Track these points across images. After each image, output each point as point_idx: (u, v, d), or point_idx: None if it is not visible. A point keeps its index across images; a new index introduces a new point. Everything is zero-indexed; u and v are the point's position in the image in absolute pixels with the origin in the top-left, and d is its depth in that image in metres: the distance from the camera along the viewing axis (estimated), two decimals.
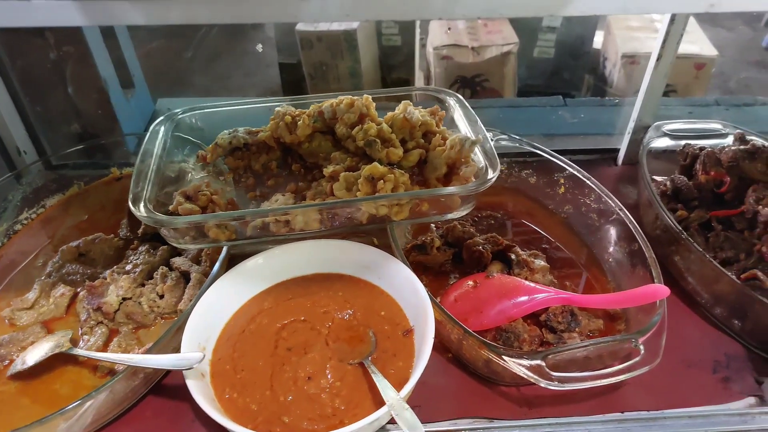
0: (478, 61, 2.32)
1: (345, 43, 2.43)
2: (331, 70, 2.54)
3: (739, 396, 0.69)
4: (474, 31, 2.43)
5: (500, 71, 2.35)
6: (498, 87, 2.38)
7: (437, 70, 2.37)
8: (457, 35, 2.38)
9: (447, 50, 2.32)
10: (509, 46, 2.31)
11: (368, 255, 0.74)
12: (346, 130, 0.83)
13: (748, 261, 0.79)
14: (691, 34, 2.40)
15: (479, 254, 0.81)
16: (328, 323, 0.70)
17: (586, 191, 0.88)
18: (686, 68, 2.26)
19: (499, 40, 2.36)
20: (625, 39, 2.36)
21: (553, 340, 0.71)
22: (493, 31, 2.44)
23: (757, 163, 0.86)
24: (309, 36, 2.44)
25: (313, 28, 2.44)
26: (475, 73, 2.35)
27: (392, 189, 0.75)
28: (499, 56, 2.30)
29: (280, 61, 2.86)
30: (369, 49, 2.63)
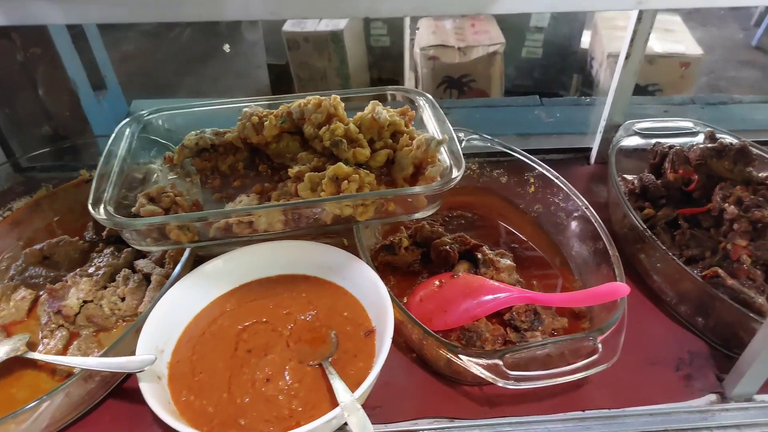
0: (464, 61, 2.32)
1: (332, 43, 2.43)
2: (319, 70, 2.54)
3: (700, 393, 0.69)
4: (461, 32, 2.44)
5: (487, 71, 2.35)
6: (485, 87, 2.38)
7: (424, 70, 2.37)
8: (444, 35, 2.39)
9: (434, 50, 2.32)
10: (495, 47, 2.31)
11: (332, 256, 0.74)
12: (313, 131, 0.83)
13: (714, 259, 0.79)
14: (676, 33, 2.40)
15: (446, 254, 0.81)
16: (290, 325, 0.70)
17: (554, 190, 0.88)
18: (671, 67, 2.26)
19: (486, 40, 2.36)
20: (612, 38, 2.36)
21: (515, 339, 0.71)
22: (480, 32, 2.44)
23: (724, 161, 0.86)
24: (295, 37, 2.45)
25: (299, 28, 2.44)
26: (462, 73, 2.35)
27: (357, 189, 0.75)
28: (485, 56, 2.30)
29: (268, 62, 2.86)
30: (357, 50, 2.64)
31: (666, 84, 2.29)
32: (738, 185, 0.84)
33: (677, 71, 2.26)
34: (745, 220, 0.79)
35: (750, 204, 0.80)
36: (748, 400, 0.68)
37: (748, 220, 0.79)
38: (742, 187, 0.84)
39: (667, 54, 2.24)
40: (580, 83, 2.72)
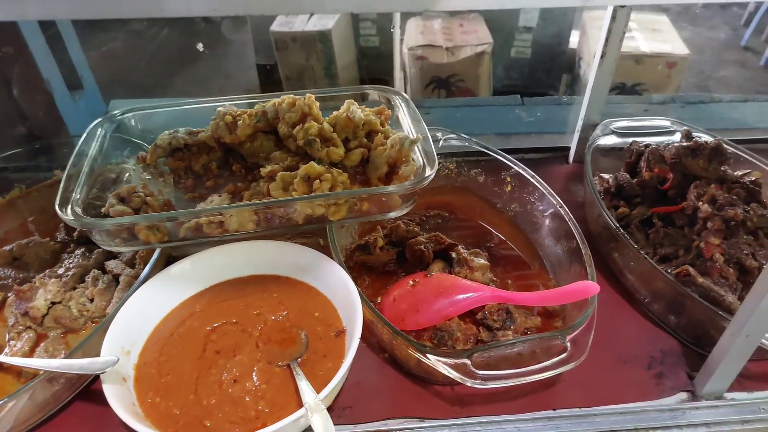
0: (452, 61, 2.32)
1: (320, 43, 2.43)
2: (307, 70, 2.54)
3: (671, 392, 0.69)
4: (449, 32, 2.44)
5: (475, 71, 2.35)
6: (473, 87, 2.38)
7: (412, 70, 2.37)
8: (432, 35, 2.39)
9: (422, 50, 2.32)
10: (483, 46, 2.32)
11: (304, 256, 0.74)
12: (287, 130, 0.83)
13: (687, 257, 0.79)
14: (663, 33, 2.41)
15: (421, 253, 0.81)
16: (260, 325, 0.69)
17: (530, 189, 0.88)
18: (658, 67, 2.27)
19: (474, 40, 2.36)
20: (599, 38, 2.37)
21: (487, 338, 0.71)
22: (468, 32, 2.44)
23: (699, 159, 0.86)
24: (283, 37, 2.44)
25: (287, 28, 2.44)
26: (450, 73, 2.35)
27: (330, 189, 0.75)
28: (473, 56, 2.30)
29: (257, 62, 2.85)
30: (346, 50, 2.63)
31: (652, 84, 2.30)
32: (712, 184, 0.85)
33: (664, 71, 2.27)
34: (718, 219, 0.79)
35: (724, 202, 0.80)
36: (718, 398, 0.68)
37: (721, 218, 0.79)
38: (717, 186, 0.84)
39: (653, 54, 2.24)
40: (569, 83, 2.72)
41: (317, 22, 2.43)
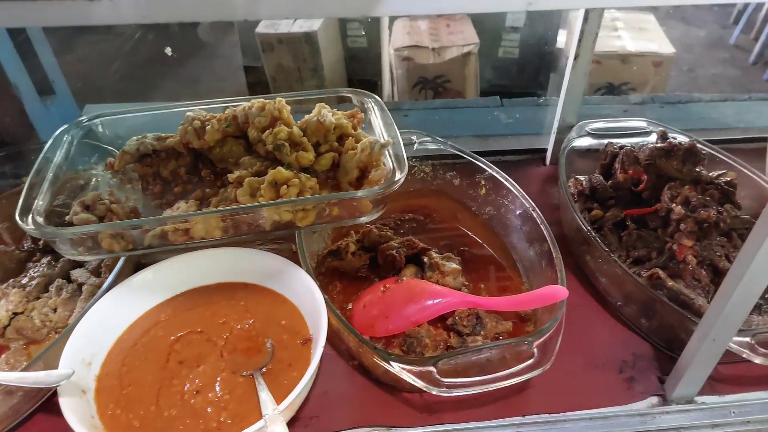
0: (438, 62, 2.31)
1: (306, 45, 2.42)
2: (294, 72, 2.52)
3: (641, 396, 0.68)
4: (435, 32, 2.43)
5: (461, 72, 2.35)
6: (459, 88, 2.38)
7: (399, 71, 2.36)
8: (418, 36, 2.38)
9: (408, 51, 2.31)
10: (470, 47, 2.31)
11: (271, 263, 0.73)
12: (257, 134, 0.82)
13: (660, 259, 0.79)
14: (650, 32, 2.41)
15: (392, 258, 0.80)
16: (225, 334, 0.68)
17: (504, 192, 0.87)
18: (644, 66, 2.27)
19: (460, 40, 2.36)
20: None
21: (457, 344, 0.70)
22: (454, 32, 2.44)
23: (672, 160, 0.85)
24: (269, 38, 2.43)
25: (273, 30, 2.42)
26: (437, 74, 2.34)
27: (298, 194, 0.74)
28: (459, 57, 2.30)
29: (244, 64, 2.84)
30: (333, 51, 2.62)
31: (639, 83, 2.30)
32: (687, 185, 0.84)
33: (650, 70, 2.27)
34: (691, 220, 0.78)
35: (697, 204, 0.80)
36: (689, 402, 0.68)
37: (694, 220, 0.78)
38: (691, 187, 0.84)
39: (639, 53, 2.24)
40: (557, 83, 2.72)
41: (303, 23, 2.42)
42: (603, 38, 2.36)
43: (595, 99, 1.33)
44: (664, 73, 2.28)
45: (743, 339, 0.63)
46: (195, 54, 3.51)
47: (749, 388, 0.70)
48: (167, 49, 2.48)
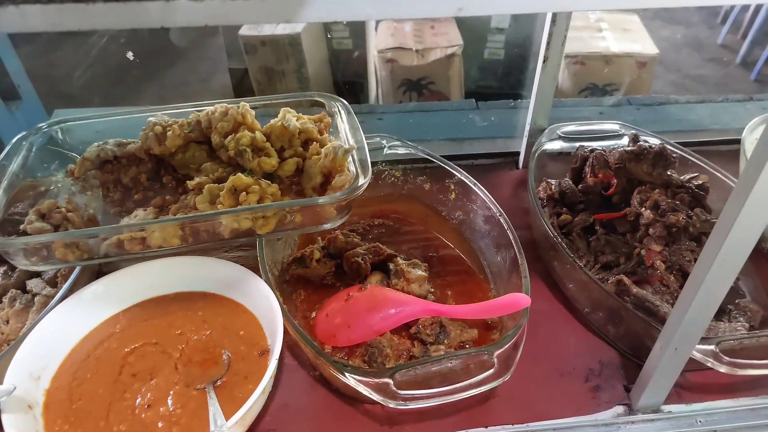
0: (422, 63, 2.30)
1: (289, 47, 2.40)
2: (278, 74, 2.50)
3: (607, 405, 0.67)
4: (420, 34, 2.42)
5: (445, 74, 2.34)
6: (444, 90, 2.37)
7: (383, 73, 2.35)
8: (402, 38, 2.37)
9: (391, 53, 2.30)
10: (453, 48, 2.30)
11: (230, 271, 0.71)
12: (220, 140, 0.80)
13: (629, 264, 0.78)
14: (634, 33, 2.41)
15: (358, 265, 0.78)
16: (181, 345, 0.67)
17: (473, 197, 0.86)
18: (628, 67, 2.27)
19: (444, 42, 2.34)
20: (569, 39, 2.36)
21: (419, 354, 0.69)
22: (439, 34, 2.43)
23: (642, 164, 0.84)
24: (252, 41, 2.41)
25: (256, 32, 2.40)
26: (421, 75, 2.33)
27: (258, 201, 0.72)
28: (443, 58, 2.29)
29: (229, 66, 2.82)
30: (317, 53, 2.60)
31: (623, 84, 2.30)
32: (657, 189, 0.83)
33: (634, 71, 2.27)
34: (660, 225, 0.77)
35: (666, 208, 0.79)
36: (655, 412, 0.66)
37: (663, 224, 0.77)
38: (661, 191, 0.83)
39: (623, 54, 2.24)
40: None
41: (287, 25, 2.40)
42: (587, 39, 2.36)
43: (571, 101, 1.32)
44: (648, 74, 2.27)
45: (707, 347, 0.62)
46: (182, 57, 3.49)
47: (717, 396, 0.69)
48: (128, 54, 2.45)
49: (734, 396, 0.69)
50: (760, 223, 0.48)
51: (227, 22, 0.33)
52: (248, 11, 0.33)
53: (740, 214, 0.47)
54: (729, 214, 0.48)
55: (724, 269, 0.51)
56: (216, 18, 0.33)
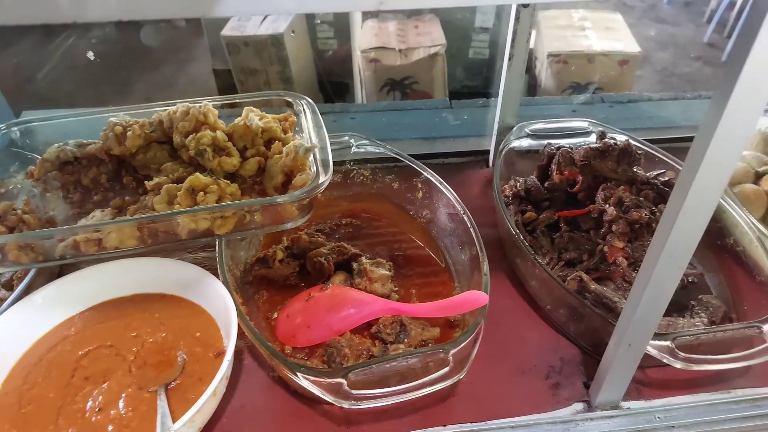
0: (405, 63, 2.30)
1: (272, 47, 2.39)
2: (261, 75, 2.50)
3: (566, 402, 0.67)
4: (403, 33, 2.42)
5: (429, 73, 2.33)
6: (427, 89, 2.37)
7: (366, 73, 2.35)
8: (385, 38, 2.37)
9: (375, 53, 2.30)
10: (436, 48, 2.30)
11: (187, 272, 0.71)
12: (181, 140, 0.79)
13: (591, 261, 0.77)
14: (616, 31, 2.42)
15: (320, 265, 0.78)
16: (136, 348, 0.66)
17: (439, 195, 0.86)
18: (610, 65, 2.27)
19: (427, 41, 2.34)
20: (552, 38, 2.37)
21: (378, 353, 0.68)
22: (422, 33, 2.43)
23: (607, 161, 0.84)
24: (235, 41, 2.40)
25: (239, 33, 2.39)
26: (404, 75, 2.33)
27: (217, 200, 0.72)
28: (426, 58, 2.29)
29: (213, 67, 2.80)
30: (301, 53, 2.60)
31: (606, 82, 2.31)
32: (622, 185, 0.83)
33: (616, 69, 2.28)
34: (623, 221, 0.77)
35: (630, 205, 0.79)
36: (614, 408, 0.66)
37: (626, 221, 0.77)
38: (625, 188, 0.83)
39: (605, 52, 2.25)
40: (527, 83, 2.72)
41: (269, 25, 2.39)
42: (569, 38, 2.37)
43: (543, 99, 1.33)
44: (629, 72, 2.28)
45: (663, 343, 0.62)
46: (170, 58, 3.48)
47: (677, 392, 0.69)
48: (89, 54, 2.43)
49: (694, 391, 0.69)
50: (704, 215, 0.48)
51: (141, 17, 0.33)
52: (162, 5, 0.33)
53: (683, 207, 0.47)
54: (672, 207, 0.48)
55: (671, 264, 0.51)
56: (129, 13, 0.33)
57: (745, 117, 0.42)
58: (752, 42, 0.38)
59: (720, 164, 0.44)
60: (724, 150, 0.43)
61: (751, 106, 0.41)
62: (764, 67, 0.39)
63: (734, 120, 0.42)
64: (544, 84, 2.37)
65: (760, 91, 0.40)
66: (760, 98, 0.41)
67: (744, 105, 0.41)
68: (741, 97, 0.40)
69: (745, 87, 0.40)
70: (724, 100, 0.41)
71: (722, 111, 0.41)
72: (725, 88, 0.41)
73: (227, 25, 2.43)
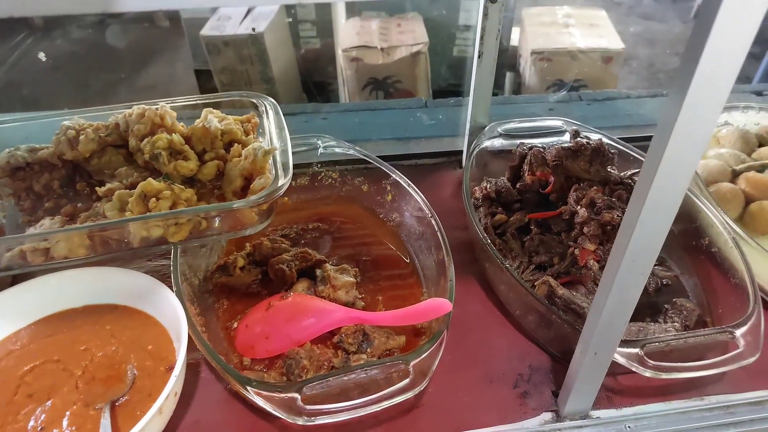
0: (387, 62, 2.27)
1: (252, 47, 2.36)
2: (242, 75, 2.46)
3: (534, 412, 0.64)
4: (386, 32, 2.39)
5: (411, 72, 2.31)
6: (410, 88, 2.34)
7: (348, 72, 2.32)
8: (367, 36, 2.34)
9: (356, 52, 2.27)
10: (419, 46, 2.27)
11: (139, 282, 0.68)
12: (136, 143, 0.76)
13: (562, 265, 0.75)
14: (600, 28, 2.40)
15: (282, 273, 0.75)
16: (85, 362, 0.63)
17: (407, 198, 0.83)
18: (594, 62, 2.26)
19: (410, 40, 2.32)
20: (536, 35, 2.35)
21: (339, 364, 0.66)
22: (405, 32, 2.40)
23: (580, 160, 0.82)
24: (215, 41, 2.36)
25: (218, 32, 2.36)
26: (386, 74, 2.30)
27: (171, 206, 0.69)
28: (408, 57, 2.26)
29: (195, 67, 2.77)
30: (283, 53, 2.56)
31: (591, 79, 2.29)
32: (595, 186, 0.81)
33: (600, 66, 2.26)
34: (594, 223, 0.75)
35: (602, 205, 0.77)
36: (583, 418, 0.64)
37: (598, 222, 0.75)
38: (598, 188, 0.80)
39: (588, 49, 2.23)
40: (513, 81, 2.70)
41: (249, 25, 2.36)
42: (553, 35, 2.35)
43: (521, 98, 1.31)
44: (614, 69, 2.27)
45: (631, 350, 0.60)
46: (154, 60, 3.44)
47: (649, 399, 0.67)
48: (40, 54, 2.38)
49: (667, 398, 0.67)
50: (665, 218, 0.45)
51: (38, 12, 0.30)
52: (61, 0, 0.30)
53: (643, 210, 0.44)
54: (632, 211, 0.46)
55: (634, 270, 0.49)
56: (25, 9, 0.30)
57: (704, 114, 0.39)
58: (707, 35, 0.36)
59: (680, 164, 0.42)
60: (684, 150, 0.41)
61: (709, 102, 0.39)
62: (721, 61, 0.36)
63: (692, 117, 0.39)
64: (528, 82, 2.36)
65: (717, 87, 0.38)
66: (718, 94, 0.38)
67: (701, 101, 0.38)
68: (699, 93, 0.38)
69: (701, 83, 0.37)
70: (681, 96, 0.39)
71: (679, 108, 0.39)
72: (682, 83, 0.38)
73: (206, 24, 2.39)
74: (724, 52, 0.36)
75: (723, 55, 0.36)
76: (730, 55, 0.36)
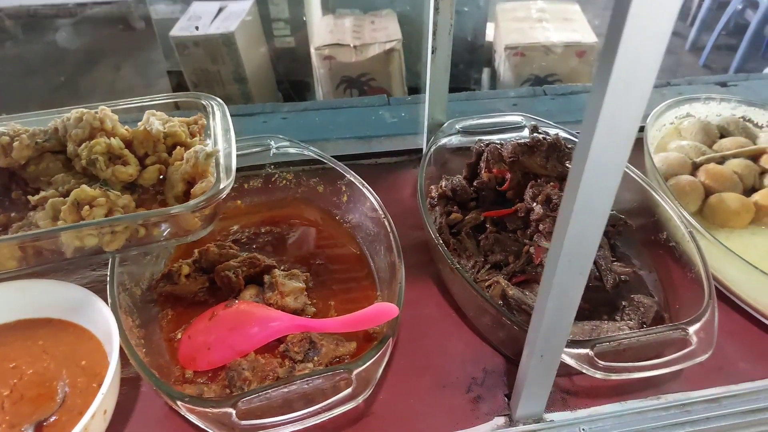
0: (361, 59, 2.24)
1: (224, 46, 2.31)
2: (214, 75, 2.42)
3: (486, 417, 0.63)
4: (359, 29, 2.36)
5: (385, 69, 2.28)
6: (385, 85, 2.32)
7: (321, 70, 2.29)
8: (340, 34, 2.31)
9: (329, 50, 2.24)
10: (392, 43, 2.25)
11: (72, 294, 0.65)
12: (74, 148, 0.73)
13: (517, 263, 0.73)
14: (574, 22, 2.40)
15: (228, 280, 0.72)
16: (14, 380, 0.60)
17: (362, 199, 0.81)
18: (568, 56, 2.25)
19: (383, 37, 2.29)
20: (509, 31, 2.34)
21: (284, 374, 0.63)
22: (378, 29, 2.37)
23: (536, 156, 0.80)
24: (185, 41, 2.32)
25: (188, 33, 2.31)
26: (360, 72, 2.27)
27: (107, 214, 0.66)
28: (381, 54, 2.23)
29: (167, 68, 2.72)
30: (256, 52, 2.52)
31: (565, 74, 2.28)
32: (552, 182, 0.79)
33: (573, 60, 2.25)
34: (550, 220, 0.73)
35: (558, 202, 0.75)
36: (537, 421, 0.62)
37: (553, 219, 0.73)
38: (555, 184, 0.79)
39: (562, 43, 2.22)
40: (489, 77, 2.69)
41: (220, 24, 2.32)
42: (527, 30, 2.34)
43: (486, 93, 1.29)
44: (587, 63, 2.26)
45: (581, 351, 0.58)
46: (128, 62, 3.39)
47: (605, 400, 0.65)
48: None
49: (624, 398, 0.65)
50: (597, 218, 0.44)
51: None
52: None
53: (574, 210, 0.43)
54: (564, 211, 0.44)
55: (571, 270, 0.47)
56: None
57: (625, 109, 0.37)
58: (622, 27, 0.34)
59: (606, 161, 0.40)
60: (609, 146, 0.39)
61: (629, 97, 0.37)
62: (638, 54, 0.35)
63: (614, 112, 0.37)
64: (503, 77, 2.34)
65: (636, 81, 0.36)
66: (638, 89, 0.37)
67: (621, 96, 0.37)
68: (618, 88, 0.36)
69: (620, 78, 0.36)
70: (601, 92, 0.37)
71: (601, 104, 0.37)
72: (601, 78, 0.36)
73: (176, 25, 2.35)
74: (642, 42, 0.34)
75: (641, 46, 0.34)
76: (649, 45, 0.34)
